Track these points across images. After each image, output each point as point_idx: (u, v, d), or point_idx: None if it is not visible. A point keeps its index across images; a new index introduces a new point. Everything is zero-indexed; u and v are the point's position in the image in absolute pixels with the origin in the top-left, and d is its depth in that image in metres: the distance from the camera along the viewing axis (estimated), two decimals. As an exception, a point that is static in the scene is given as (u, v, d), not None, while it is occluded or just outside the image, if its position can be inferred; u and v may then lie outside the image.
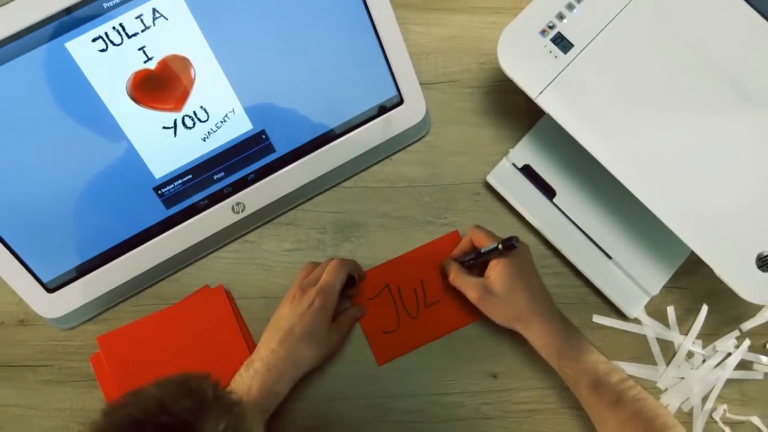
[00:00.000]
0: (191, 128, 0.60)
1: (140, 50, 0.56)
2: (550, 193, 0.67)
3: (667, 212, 0.57)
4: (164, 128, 0.60)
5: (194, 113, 0.60)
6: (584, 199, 0.67)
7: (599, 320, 0.67)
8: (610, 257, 0.66)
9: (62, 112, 0.56)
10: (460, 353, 0.67)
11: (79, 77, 0.55)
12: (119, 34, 0.55)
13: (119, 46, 0.55)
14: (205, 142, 0.61)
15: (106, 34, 0.55)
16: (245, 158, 0.63)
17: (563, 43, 0.59)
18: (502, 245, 0.58)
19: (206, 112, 0.60)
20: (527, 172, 0.67)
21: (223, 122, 0.61)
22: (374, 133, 0.66)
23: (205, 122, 0.61)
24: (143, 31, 0.56)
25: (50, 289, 0.62)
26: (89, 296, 0.64)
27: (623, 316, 0.67)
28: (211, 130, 0.61)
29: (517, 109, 0.70)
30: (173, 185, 0.62)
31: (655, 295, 0.66)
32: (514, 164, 0.68)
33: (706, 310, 0.67)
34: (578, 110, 0.58)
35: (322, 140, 0.65)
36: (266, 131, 0.63)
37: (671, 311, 0.68)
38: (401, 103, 0.66)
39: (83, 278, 0.63)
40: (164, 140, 0.60)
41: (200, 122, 0.60)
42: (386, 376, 0.66)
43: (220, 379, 0.39)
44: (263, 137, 0.63)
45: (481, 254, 0.62)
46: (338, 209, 0.69)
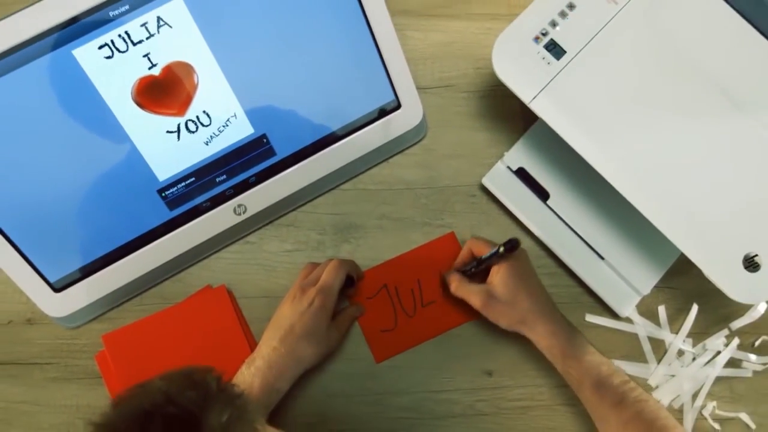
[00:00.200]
0: (194, 132, 0.62)
1: (145, 57, 0.57)
2: (543, 195, 0.68)
3: (656, 214, 0.58)
4: (168, 132, 0.61)
5: (197, 118, 0.61)
6: (577, 201, 0.68)
7: (592, 319, 0.68)
8: (602, 258, 0.67)
9: (69, 116, 0.58)
10: (455, 351, 0.68)
11: (85, 83, 0.57)
12: (125, 41, 0.56)
13: (125, 53, 0.57)
14: (207, 145, 0.63)
15: (112, 41, 0.56)
16: (247, 161, 0.64)
17: (556, 49, 0.60)
18: (503, 247, 0.59)
19: (209, 116, 0.61)
20: (522, 174, 0.68)
21: (225, 126, 0.62)
22: (372, 136, 0.67)
23: (207, 126, 0.62)
24: (148, 38, 0.57)
25: (57, 288, 0.63)
26: (95, 296, 0.65)
27: (615, 315, 0.68)
28: (213, 134, 0.62)
29: (512, 113, 0.71)
30: (176, 188, 0.63)
31: (646, 294, 0.67)
32: (508, 167, 0.69)
33: (696, 309, 0.67)
34: (570, 115, 0.59)
35: (321, 144, 0.66)
36: (267, 135, 0.64)
37: (662, 310, 0.68)
38: (399, 107, 0.67)
39: (89, 278, 0.64)
40: (168, 144, 0.61)
41: (203, 126, 0.62)
42: (384, 373, 0.67)
43: (223, 372, 0.40)
44: (264, 141, 0.64)
45: (482, 261, 0.63)
46: (337, 211, 0.70)
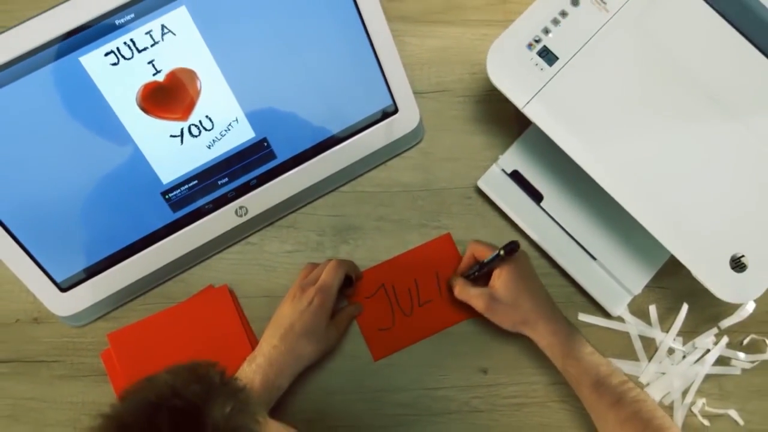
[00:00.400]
0: (197, 136, 0.63)
1: (149, 63, 0.59)
2: (537, 197, 0.69)
3: (646, 216, 0.59)
4: (171, 136, 0.62)
5: (200, 122, 0.62)
6: (570, 203, 0.69)
7: (585, 318, 0.69)
8: (594, 258, 0.68)
9: (76, 121, 0.59)
10: (451, 350, 0.69)
11: (92, 89, 0.58)
12: (130, 48, 0.58)
13: (130, 59, 0.58)
14: (210, 149, 0.64)
15: (117, 48, 0.57)
16: (248, 165, 0.66)
17: (548, 56, 0.61)
18: (503, 251, 0.60)
19: (211, 121, 0.63)
20: (516, 177, 0.69)
21: (227, 131, 0.63)
22: (371, 140, 0.68)
23: (210, 131, 0.63)
24: (152, 45, 0.58)
25: (63, 288, 0.64)
26: (100, 295, 0.66)
27: (607, 314, 0.69)
28: (215, 138, 0.64)
29: (506, 117, 0.71)
30: (180, 190, 0.64)
31: (637, 294, 0.68)
32: (503, 170, 0.70)
33: (686, 308, 0.68)
34: (562, 119, 0.60)
35: (321, 147, 0.67)
36: (268, 139, 0.65)
37: (653, 310, 0.69)
38: (396, 111, 0.68)
39: (94, 278, 0.65)
40: (171, 148, 0.62)
41: (205, 131, 0.63)
42: (381, 371, 0.68)
43: (226, 367, 0.42)
44: (265, 145, 0.65)
45: (484, 265, 0.64)
46: (336, 213, 0.71)
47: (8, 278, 0.64)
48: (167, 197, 0.64)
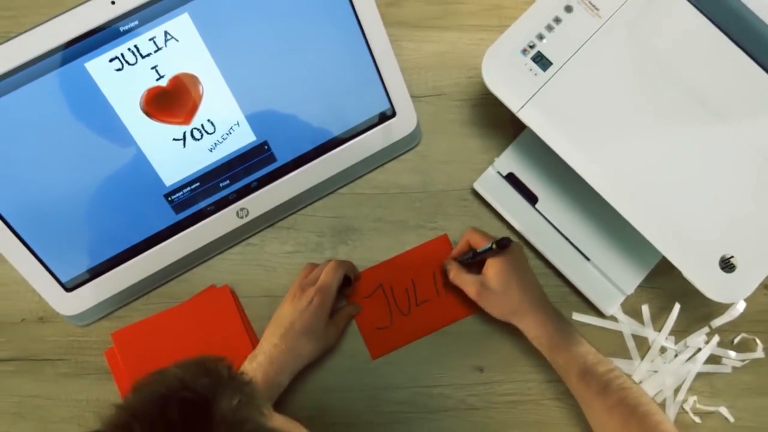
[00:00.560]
0: (199, 140, 0.64)
1: (153, 69, 0.60)
2: (532, 199, 0.70)
3: (638, 218, 0.60)
4: (174, 140, 0.63)
5: (202, 126, 0.63)
6: (564, 205, 0.69)
7: (578, 318, 0.70)
8: (588, 259, 0.69)
9: (81, 124, 0.60)
10: (448, 348, 0.69)
11: (96, 94, 0.59)
12: (134, 54, 0.59)
13: (134, 65, 0.59)
14: (211, 152, 0.65)
15: (122, 54, 0.58)
16: (249, 167, 0.66)
17: (542, 61, 0.62)
18: (496, 245, 0.61)
19: (213, 125, 0.64)
20: (511, 179, 0.70)
21: (228, 134, 0.65)
22: (369, 143, 0.69)
23: (211, 134, 0.64)
24: (156, 51, 0.59)
25: (68, 288, 0.65)
26: (104, 295, 0.66)
27: (601, 313, 0.70)
28: (217, 141, 0.64)
29: (502, 120, 0.72)
30: (182, 192, 0.65)
31: (630, 294, 0.69)
32: (499, 172, 0.70)
33: (678, 308, 0.69)
34: (556, 123, 0.61)
35: (320, 150, 0.68)
36: (268, 142, 0.66)
37: (645, 309, 0.70)
38: (394, 115, 0.69)
39: (99, 278, 0.66)
40: (174, 151, 0.63)
41: (207, 134, 0.64)
42: (379, 369, 0.69)
43: (233, 361, 0.43)
44: (265, 148, 0.66)
45: (477, 254, 0.65)
46: (335, 214, 0.72)
47: (15, 279, 0.65)
48: (170, 199, 0.65)
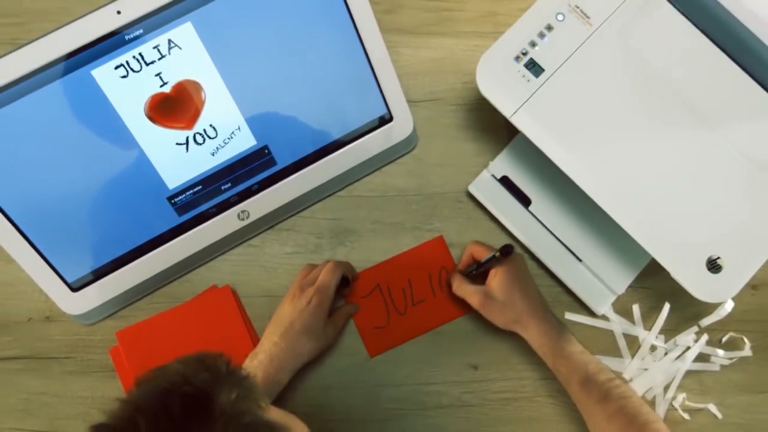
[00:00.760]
0: (201, 144, 0.65)
1: (157, 76, 0.61)
2: (526, 201, 0.71)
3: (627, 220, 0.61)
4: (177, 144, 0.64)
5: (204, 131, 0.65)
6: (557, 207, 0.71)
7: (571, 317, 0.71)
8: (580, 260, 0.70)
9: (87, 129, 0.61)
10: (444, 347, 0.70)
11: (102, 100, 0.60)
12: (138, 62, 0.60)
13: (138, 72, 0.61)
14: (213, 156, 0.66)
15: (127, 62, 0.60)
16: (250, 171, 0.68)
17: (535, 68, 0.63)
18: (499, 252, 0.62)
19: (215, 129, 0.65)
20: (505, 182, 0.71)
21: (230, 139, 0.66)
22: (367, 147, 0.71)
23: (213, 139, 0.65)
24: (160, 59, 0.61)
25: (74, 288, 0.66)
26: (109, 295, 0.68)
27: (592, 313, 0.71)
28: (219, 145, 0.66)
29: (496, 125, 0.73)
30: (185, 195, 0.67)
31: (621, 294, 0.70)
32: (493, 175, 0.71)
33: (667, 307, 0.70)
34: (548, 128, 0.62)
35: (319, 154, 0.69)
36: (268, 146, 0.67)
37: (636, 309, 0.71)
38: (391, 119, 0.70)
39: (104, 279, 0.67)
40: (177, 155, 0.65)
41: (209, 139, 0.65)
42: (377, 367, 0.70)
43: (231, 357, 0.45)
44: (266, 152, 0.68)
45: (481, 264, 0.66)
46: (334, 216, 0.73)
47: (22, 279, 0.66)
48: (173, 202, 0.67)
